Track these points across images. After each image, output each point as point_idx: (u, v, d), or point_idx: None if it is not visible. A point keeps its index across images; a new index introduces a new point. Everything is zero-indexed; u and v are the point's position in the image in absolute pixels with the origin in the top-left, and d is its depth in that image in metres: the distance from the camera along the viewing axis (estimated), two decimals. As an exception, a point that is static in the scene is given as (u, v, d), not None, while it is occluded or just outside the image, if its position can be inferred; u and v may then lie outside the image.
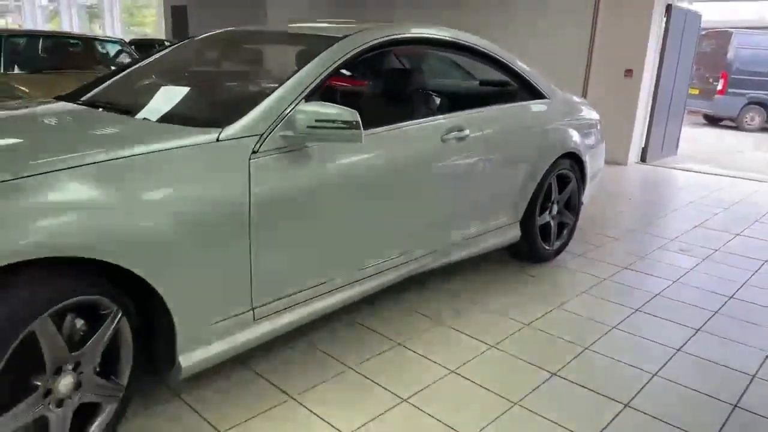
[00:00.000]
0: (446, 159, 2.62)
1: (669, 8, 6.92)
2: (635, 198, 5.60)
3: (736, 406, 2.15)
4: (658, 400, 2.16)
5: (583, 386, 2.23)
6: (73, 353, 1.58)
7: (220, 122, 1.93)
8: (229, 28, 2.87)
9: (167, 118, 2.05)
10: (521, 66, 3.29)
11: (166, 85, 2.57)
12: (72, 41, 6.40)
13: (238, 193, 1.85)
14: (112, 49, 6.71)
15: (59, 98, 2.77)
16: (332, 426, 1.93)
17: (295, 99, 2.07)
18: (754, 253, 3.94)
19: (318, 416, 1.98)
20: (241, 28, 2.93)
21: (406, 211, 2.51)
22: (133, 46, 7.38)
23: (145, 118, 2.08)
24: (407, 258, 2.59)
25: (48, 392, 1.54)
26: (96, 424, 1.70)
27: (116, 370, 1.75)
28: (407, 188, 2.47)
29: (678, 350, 2.55)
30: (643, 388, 2.24)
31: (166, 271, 1.69)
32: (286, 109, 2.03)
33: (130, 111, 2.16)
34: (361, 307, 2.75)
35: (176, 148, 1.78)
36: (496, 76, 3.38)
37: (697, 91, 13.35)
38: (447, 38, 2.86)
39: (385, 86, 2.89)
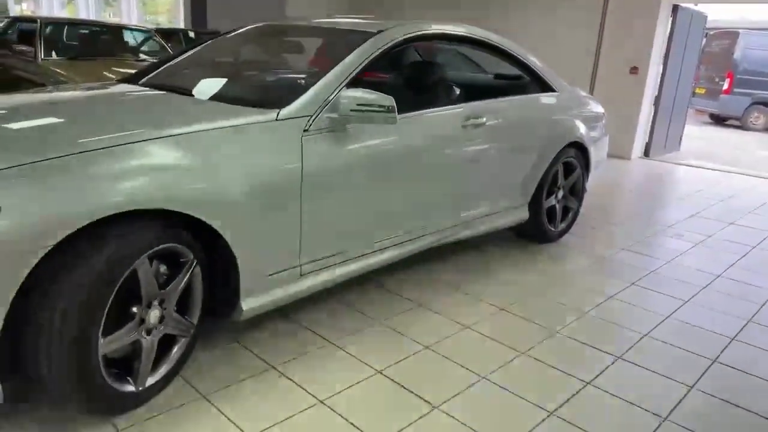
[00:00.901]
0: (465, 143, 2.94)
1: (675, 9, 7.19)
2: (636, 190, 5.90)
3: (714, 361, 2.48)
4: (647, 355, 2.48)
5: (583, 342, 2.56)
6: (160, 291, 1.91)
7: (277, 104, 2.26)
8: (270, 22, 3.19)
9: (232, 100, 2.37)
10: (533, 61, 3.60)
11: (221, 71, 2.90)
12: (105, 30, 6.71)
13: (292, 165, 2.18)
14: (140, 38, 7.03)
15: (121, 81, 3.10)
16: (367, 364, 2.26)
17: (339, 86, 2.39)
18: (744, 240, 4.25)
19: (355, 357, 2.31)
20: (282, 22, 3.25)
21: (429, 187, 2.83)
22: (158, 35, 7.68)
23: (213, 100, 2.40)
24: (429, 230, 2.92)
25: (142, 321, 1.87)
26: (173, 353, 2.03)
27: (189, 310, 2.08)
28: (431, 167, 2.80)
29: (667, 317, 2.87)
30: (635, 344, 2.57)
31: (235, 227, 2.02)
32: (330, 94, 2.35)
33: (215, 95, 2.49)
34: (386, 273, 3.08)
35: (244, 124, 2.12)
36: (509, 69, 3.70)
37: (703, 91, 13.60)
38: (466, 34, 3.17)
39: (411, 76, 3.19)
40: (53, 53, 5.84)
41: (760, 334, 2.75)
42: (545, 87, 3.69)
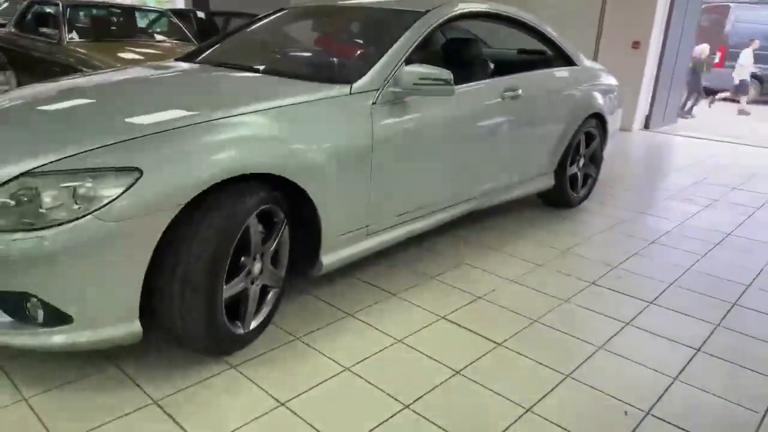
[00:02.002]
0: (504, 114, 3.20)
1: (675, -16, 7.43)
2: (643, 160, 6.19)
3: (734, 304, 2.79)
4: (676, 300, 2.78)
5: (615, 291, 2.85)
6: (261, 246, 2.17)
7: (348, 80, 2.49)
8: (322, 3, 3.40)
9: (306, 77, 2.58)
10: (557, 36, 3.85)
11: (284, 50, 3.12)
12: (124, 12, 6.80)
13: (365, 134, 2.42)
14: (156, 19, 7.13)
15: (179, 59, 3.31)
16: (428, 310, 2.54)
17: (398, 62, 2.63)
18: (748, 202, 4.57)
19: (414, 304, 2.59)
20: (335, 3, 3.46)
21: (475, 154, 3.08)
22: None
23: (286, 77, 2.61)
24: (473, 194, 3.19)
25: (249, 272, 2.12)
26: (267, 300, 2.29)
27: (279, 264, 2.33)
28: (476, 136, 3.05)
29: (687, 269, 3.18)
30: (664, 290, 2.87)
31: (319, 190, 2.27)
32: (393, 70, 2.59)
33: (271, 71, 2.71)
34: (433, 234, 3.36)
35: (325, 98, 2.36)
36: (534, 44, 3.94)
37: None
38: (501, 12, 3.40)
39: (452, 52, 3.42)
40: (75, 35, 5.96)
41: (771, 282, 3.07)
42: (567, 61, 3.94)
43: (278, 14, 3.47)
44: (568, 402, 1.98)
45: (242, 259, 2.08)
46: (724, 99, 13.60)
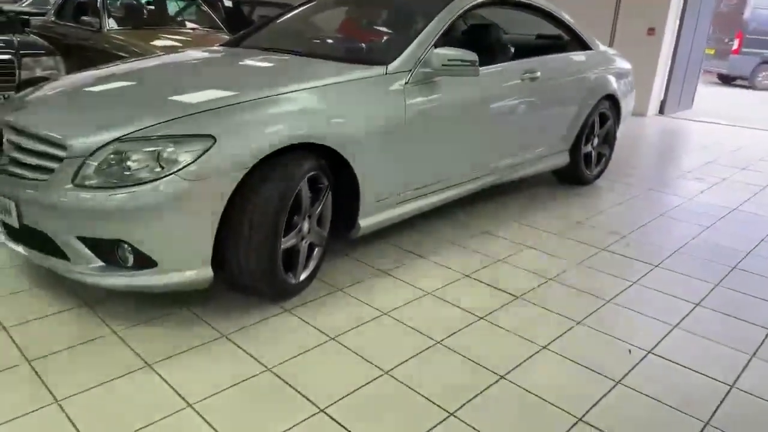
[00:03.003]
0: (523, 94, 3.46)
1: (691, -29, 7.57)
2: (656, 142, 6.41)
3: (734, 267, 3.05)
4: (680, 264, 3.05)
5: (624, 256, 3.12)
6: (310, 208, 2.47)
7: (383, 61, 2.78)
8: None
9: (345, 59, 2.87)
10: (573, 22, 4.09)
11: (323, 35, 3.41)
12: (157, 1, 7.11)
13: (399, 111, 2.71)
14: (188, 8, 7.42)
15: (223, 45, 3.62)
16: (451, 269, 2.84)
17: (429, 45, 2.91)
18: (755, 181, 4.79)
19: (437, 263, 2.88)
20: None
21: (497, 131, 3.36)
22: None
23: (332, 59, 2.90)
24: (495, 168, 3.47)
25: (300, 230, 2.43)
26: (314, 256, 2.60)
27: (323, 225, 2.64)
28: (499, 114, 3.33)
29: (694, 237, 3.43)
30: (670, 255, 3.14)
31: (359, 160, 2.56)
32: (423, 52, 2.87)
33: (314, 54, 3.01)
34: (456, 206, 3.65)
35: (364, 77, 2.65)
36: (550, 30, 4.18)
37: (712, 52, 13.93)
38: (525, 0, 3.67)
39: (475, 36, 3.68)
40: (114, 24, 6.28)
41: (771, 250, 3.32)
42: (583, 45, 4.18)
43: (312, 3, 3.76)
44: (582, 342, 2.27)
45: (295, 218, 2.39)
46: (740, 85, 13.67)
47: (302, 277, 2.52)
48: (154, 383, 1.91)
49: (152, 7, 7.02)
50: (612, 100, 4.30)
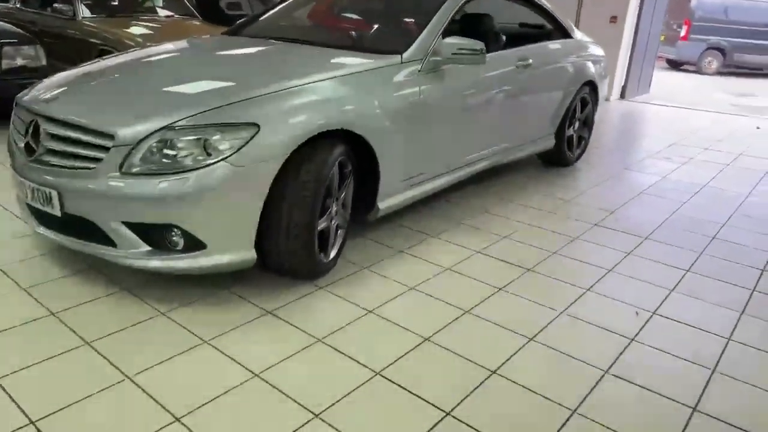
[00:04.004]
0: (518, 80, 3.67)
1: (649, -38, 7.94)
2: (623, 126, 6.77)
3: (713, 238, 3.36)
4: (666, 236, 3.33)
5: (615, 230, 3.39)
6: (338, 191, 2.61)
7: (396, 51, 2.92)
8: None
9: (359, 48, 2.99)
10: (556, 11, 4.32)
11: (336, 24, 3.52)
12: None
13: (414, 98, 2.87)
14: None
15: (225, 33, 3.67)
16: (462, 246, 3.03)
17: (437, 35, 3.07)
18: (719, 160, 5.18)
19: (448, 241, 3.07)
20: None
21: (498, 115, 3.56)
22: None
23: (346, 49, 3.01)
24: (494, 151, 3.67)
25: (330, 212, 2.57)
26: (338, 236, 2.73)
27: (346, 207, 2.77)
28: (498, 99, 3.52)
29: (674, 212, 3.74)
30: (656, 229, 3.42)
31: (380, 144, 2.71)
32: (433, 42, 3.02)
33: (327, 44, 3.12)
34: (451, 190, 3.84)
35: (382, 66, 2.79)
36: (531, 18, 4.41)
37: (662, 38, 14.58)
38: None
39: (470, 26, 3.84)
40: (87, 11, 6.15)
41: (744, 222, 3.64)
42: (564, 33, 4.42)
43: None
44: (594, 306, 2.51)
45: (326, 201, 2.52)
46: (688, 70, 14.38)
47: (331, 255, 2.65)
48: (217, 357, 2.02)
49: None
50: (591, 85, 4.57)
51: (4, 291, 2.37)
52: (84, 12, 6.01)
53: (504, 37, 3.92)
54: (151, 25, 6.13)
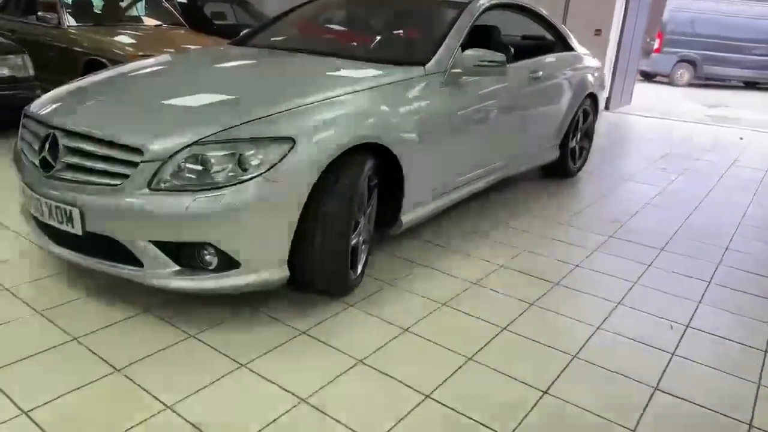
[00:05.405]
0: (530, 92, 3.67)
1: (632, -24, 8.12)
2: (614, 137, 6.86)
3: (727, 248, 3.39)
4: (681, 247, 3.35)
5: (633, 242, 3.39)
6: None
7: (419, 62, 2.87)
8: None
9: (379, 60, 2.92)
10: (561, 25, 4.35)
11: (347, 35, 3.45)
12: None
13: (438, 109, 2.83)
14: (151, 4, 7.10)
15: (231, 43, 3.59)
16: (485, 260, 2.99)
17: (456, 47, 3.03)
18: (712, 171, 5.27)
19: (469, 255, 3.02)
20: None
21: (512, 126, 3.55)
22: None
23: (367, 60, 2.94)
24: (507, 162, 3.66)
25: (359, 228, 2.49)
26: (365, 251, 2.65)
27: (371, 222, 2.70)
28: (513, 110, 3.51)
29: (683, 223, 3.77)
30: (670, 240, 3.44)
31: (406, 157, 2.64)
32: (453, 53, 2.99)
33: (346, 56, 3.05)
34: (463, 203, 3.80)
35: (409, 78, 2.74)
36: (531, 30, 4.44)
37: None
38: (523, 4, 3.88)
39: (479, 38, 3.83)
40: (72, 20, 5.97)
41: (752, 232, 3.69)
42: (567, 46, 4.45)
43: (317, 2, 3.79)
44: (628, 321, 2.49)
45: (356, 215, 2.45)
46: (660, 81, 14.74)
47: (358, 272, 2.58)
48: (258, 382, 1.93)
49: (111, 3, 6.69)
50: (593, 97, 4.60)
51: (20, 314, 2.23)
52: (69, 21, 5.84)
53: (512, 50, 3.92)
54: (138, 34, 5.98)
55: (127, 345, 2.08)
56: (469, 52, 2.96)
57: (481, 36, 3.83)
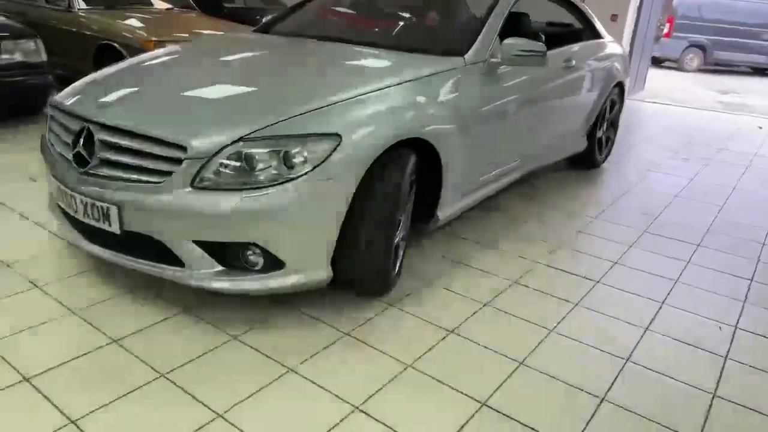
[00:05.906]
0: (564, 81, 3.57)
1: (650, -40, 7.95)
2: (633, 124, 6.76)
3: (764, 244, 3.32)
4: (717, 242, 3.28)
5: (667, 237, 3.32)
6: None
7: (458, 52, 2.77)
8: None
9: (425, 50, 2.81)
10: (589, 12, 4.24)
11: (381, 21, 3.35)
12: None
13: (478, 100, 2.74)
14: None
15: (256, 30, 3.48)
16: (524, 257, 2.92)
17: (495, 35, 2.93)
18: (736, 161, 5.19)
19: (511, 253, 2.96)
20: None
21: (545, 115, 3.45)
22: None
23: (401, 50, 2.85)
24: (540, 152, 3.58)
25: (400, 224, 2.41)
26: (402, 248, 2.58)
27: (407, 218, 2.63)
28: (550, 99, 3.42)
29: (716, 216, 3.70)
30: (705, 235, 3.37)
31: (446, 151, 2.55)
32: (492, 42, 2.89)
33: (383, 45, 2.96)
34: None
35: (450, 69, 2.64)
36: (562, 18, 4.32)
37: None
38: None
39: (513, 27, 3.72)
40: (83, 3, 5.82)
41: (783, 226, 3.64)
42: (595, 35, 4.33)
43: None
44: (676, 321, 2.43)
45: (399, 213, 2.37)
46: (669, 67, 14.58)
47: (396, 269, 2.51)
48: (308, 388, 1.87)
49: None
50: (620, 86, 4.50)
51: (55, 315, 2.16)
52: (80, 3, 5.69)
53: (543, 38, 3.80)
54: (150, 17, 5.84)
55: (169, 348, 2.02)
56: (509, 41, 2.86)
57: (512, 23, 3.73)
